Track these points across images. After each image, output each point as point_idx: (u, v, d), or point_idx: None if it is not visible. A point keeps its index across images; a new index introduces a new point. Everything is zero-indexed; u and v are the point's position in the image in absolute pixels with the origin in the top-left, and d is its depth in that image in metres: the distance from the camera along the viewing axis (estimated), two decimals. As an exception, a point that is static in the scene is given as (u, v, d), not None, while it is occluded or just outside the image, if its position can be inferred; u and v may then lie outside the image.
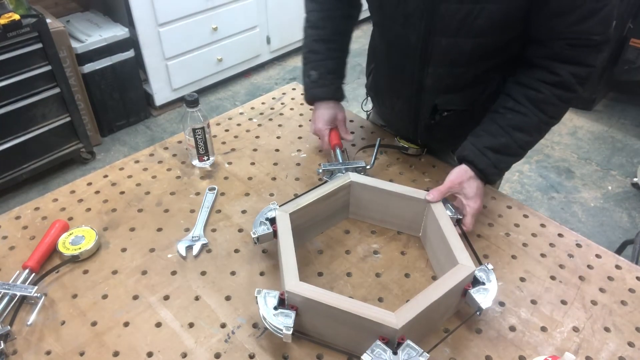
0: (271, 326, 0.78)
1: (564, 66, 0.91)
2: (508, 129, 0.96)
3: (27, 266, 0.94)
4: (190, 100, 1.12)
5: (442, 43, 0.96)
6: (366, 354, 0.73)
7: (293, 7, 3.41)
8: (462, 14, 0.89)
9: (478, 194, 0.98)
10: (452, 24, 0.92)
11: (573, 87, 0.93)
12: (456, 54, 0.97)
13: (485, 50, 0.96)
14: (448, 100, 1.08)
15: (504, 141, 0.96)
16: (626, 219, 2.40)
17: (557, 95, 0.93)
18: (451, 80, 1.03)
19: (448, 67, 1.01)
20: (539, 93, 0.94)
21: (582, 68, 0.92)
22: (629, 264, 0.98)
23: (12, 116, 2.30)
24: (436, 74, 1.02)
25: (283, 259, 0.84)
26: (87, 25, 2.71)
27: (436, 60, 1.00)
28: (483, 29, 0.90)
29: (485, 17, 0.88)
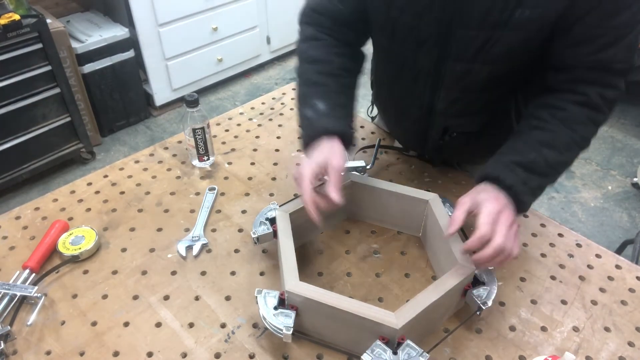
0: (271, 326, 0.78)
1: (590, 87, 0.86)
2: (535, 145, 0.85)
3: (27, 266, 0.94)
4: (190, 100, 1.12)
5: (456, 68, 0.91)
6: (366, 353, 0.73)
7: (293, 7, 3.41)
8: (479, 41, 0.85)
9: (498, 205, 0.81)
10: (468, 51, 0.87)
11: (602, 108, 0.86)
12: (470, 80, 0.92)
13: (500, 77, 0.92)
14: (459, 123, 1.04)
15: (532, 157, 0.84)
16: (626, 219, 2.40)
17: (587, 115, 0.86)
18: (463, 104, 0.99)
19: (461, 92, 0.96)
20: (566, 112, 0.86)
21: (608, 90, 0.86)
22: (629, 263, 0.98)
23: (12, 116, 2.30)
24: (448, 98, 0.98)
25: (283, 259, 0.84)
26: (87, 25, 2.71)
27: (449, 85, 0.95)
28: (499, 57, 0.86)
29: (503, 45, 0.84)
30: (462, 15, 0.84)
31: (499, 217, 0.79)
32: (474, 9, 0.82)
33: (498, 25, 0.82)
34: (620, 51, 0.82)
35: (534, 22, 0.80)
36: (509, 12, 0.79)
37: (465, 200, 0.84)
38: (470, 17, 0.83)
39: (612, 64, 0.83)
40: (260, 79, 3.49)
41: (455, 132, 1.05)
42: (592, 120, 0.87)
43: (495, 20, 0.81)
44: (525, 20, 0.80)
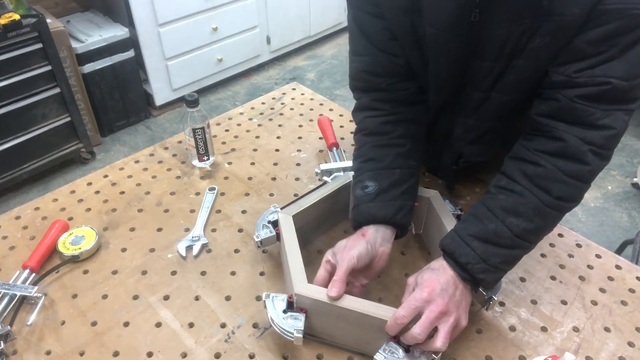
0: (281, 329, 0.78)
1: (570, 128, 0.74)
2: (499, 212, 0.77)
3: (27, 266, 0.94)
4: (190, 100, 1.12)
5: (474, 97, 0.87)
6: (379, 353, 0.74)
7: (293, 7, 3.41)
8: (496, 71, 0.81)
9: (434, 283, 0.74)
10: (485, 80, 0.83)
11: (583, 157, 0.74)
12: (486, 108, 0.88)
13: (516, 106, 0.87)
14: (473, 151, 0.98)
15: (492, 227, 0.76)
16: (626, 219, 2.40)
17: (563, 170, 0.75)
18: (480, 132, 0.94)
19: (477, 120, 0.91)
20: (537, 167, 0.76)
21: (595, 131, 0.73)
22: (629, 264, 0.98)
23: (12, 116, 2.30)
24: (466, 124, 0.93)
25: (290, 262, 0.84)
26: (87, 25, 2.71)
27: (466, 112, 0.91)
28: (512, 85, 0.82)
29: (514, 74, 0.80)
30: (478, 49, 0.81)
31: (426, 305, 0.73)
32: (491, 43, 0.79)
33: (513, 55, 0.78)
34: (618, 66, 0.71)
35: (544, 50, 0.76)
36: (524, 43, 0.76)
37: (410, 280, 0.79)
38: (487, 50, 0.80)
39: (605, 78, 0.71)
40: (260, 79, 3.49)
41: (468, 160, 1.01)
42: (571, 176, 0.75)
43: (510, 50, 0.78)
44: (536, 49, 0.76)
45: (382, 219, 0.84)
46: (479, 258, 0.75)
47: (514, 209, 0.76)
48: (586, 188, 0.78)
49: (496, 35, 0.77)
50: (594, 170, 0.76)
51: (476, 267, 0.75)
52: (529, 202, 0.76)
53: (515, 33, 0.75)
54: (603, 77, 0.72)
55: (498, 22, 0.76)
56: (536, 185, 0.76)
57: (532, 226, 0.76)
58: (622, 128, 0.75)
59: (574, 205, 0.79)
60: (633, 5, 0.68)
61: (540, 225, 0.77)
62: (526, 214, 0.76)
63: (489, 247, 0.76)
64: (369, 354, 0.78)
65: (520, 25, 0.74)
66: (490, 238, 0.76)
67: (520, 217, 0.76)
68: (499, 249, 0.76)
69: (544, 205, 0.76)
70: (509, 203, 0.77)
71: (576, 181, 0.75)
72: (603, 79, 0.72)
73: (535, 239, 0.79)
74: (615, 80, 0.71)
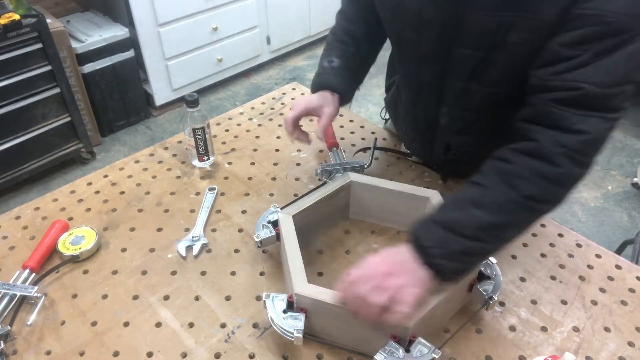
0: (281, 329, 0.78)
1: (545, 131, 0.75)
2: (465, 203, 0.77)
3: (27, 266, 0.94)
4: (190, 100, 1.12)
5: (456, 86, 0.91)
6: (379, 353, 0.74)
7: (293, 7, 3.41)
8: (475, 61, 0.85)
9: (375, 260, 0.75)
10: (465, 70, 0.87)
11: (555, 159, 0.73)
12: (468, 99, 0.92)
13: (498, 101, 0.89)
14: (461, 142, 1.03)
15: (456, 216, 0.76)
16: (626, 219, 2.40)
17: (532, 168, 0.74)
18: (465, 123, 0.98)
19: (462, 110, 0.96)
20: (507, 164, 0.76)
21: (570, 135, 0.73)
22: (629, 264, 0.98)
23: (12, 116, 2.30)
24: (450, 114, 0.98)
25: (290, 262, 0.84)
26: (87, 25, 2.71)
27: (450, 101, 0.96)
28: (493, 79, 0.86)
29: (495, 67, 0.83)
30: (460, 34, 0.84)
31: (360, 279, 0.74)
32: (470, 30, 0.82)
33: (492, 47, 0.81)
34: (597, 71, 0.71)
35: (521, 47, 0.79)
36: (502, 35, 0.79)
37: None
38: (468, 37, 0.83)
39: (579, 83, 0.72)
40: (260, 79, 3.49)
41: (458, 151, 1.04)
42: (540, 175, 0.74)
43: (489, 42, 0.81)
44: (515, 44, 0.79)
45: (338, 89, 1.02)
46: (438, 243, 0.75)
47: (479, 201, 0.76)
48: (561, 191, 0.76)
49: (476, 24, 0.80)
50: (567, 173, 0.74)
51: (434, 251, 0.74)
52: (494, 197, 0.76)
53: (493, 24, 0.78)
54: (575, 82, 0.72)
55: (478, 10, 0.79)
56: (504, 181, 0.76)
57: (495, 220, 0.75)
58: (599, 135, 0.73)
59: (549, 207, 0.78)
60: (607, 13, 0.69)
61: (504, 221, 0.76)
62: (489, 207, 0.75)
63: (449, 234, 0.75)
64: (369, 354, 0.78)
65: (498, 17, 0.77)
66: (452, 226, 0.75)
67: (484, 209, 0.75)
68: (459, 238, 0.74)
69: (509, 201, 0.75)
70: (475, 195, 0.77)
71: (546, 182, 0.74)
72: (575, 83, 0.72)
73: (500, 235, 0.77)
74: (587, 85, 0.71)
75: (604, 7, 0.69)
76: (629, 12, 0.68)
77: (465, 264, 0.77)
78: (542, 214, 0.79)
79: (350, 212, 1.06)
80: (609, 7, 0.69)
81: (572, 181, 0.76)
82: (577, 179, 0.77)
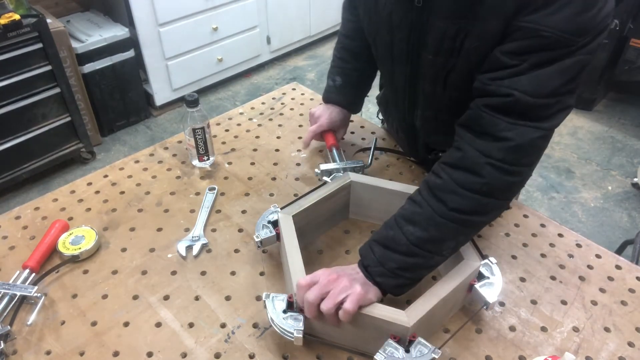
0: (281, 329, 0.78)
1: (473, 140, 0.77)
2: (399, 221, 0.80)
3: (27, 266, 0.94)
4: (190, 100, 1.12)
5: (425, 90, 0.94)
6: (379, 353, 0.74)
7: (293, 7, 3.41)
8: (437, 66, 0.87)
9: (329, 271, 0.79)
10: (431, 74, 0.89)
11: (479, 169, 0.75)
12: (437, 102, 0.95)
13: (465, 103, 0.86)
14: (440, 141, 1.06)
15: (391, 234, 0.80)
16: (626, 219, 2.40)
17: (457, 181, 0.77)
18: (438, 124, 1.01)
19: (433, 112, 0.99)
20: (437, 178, 0.80)
21: (495, 143, 0.75)
22: (629, 264, 0.98)
23: (12, 116, 2.30)
24: (424, 116, 1.01)
25: (290, 262, 0.84)
26: (87, 25, 2.71)
27: (422, 104, 0.99)
28: (456, 84, 0.87)
29: (455, 72, 0.85)
30: (425, 39, 0.85)
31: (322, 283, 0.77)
32: (430, 35, 0.84)
33: (452, 53, 0.83)
34: (525, 82, 0.73)
35: (473, 53, 0.80)
36: (460, 42, 0.80)
37: None
38: (432, 42, 0.85)
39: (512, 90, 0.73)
40: (260, 79, 3.49)
41: (439, 151, 1.07)
42: (465, 187, 0.76)
43: (448, 47, 0.82)
44: (471, 50, 0.80)
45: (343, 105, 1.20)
46: (377, 262, 0.79)
47: (411, 218, 0.80)
48: (491, 202, 0.78)
49: (436, 29, 0.82)
50: (490, 183, 0.76)
51: (374, 269, 0.79)
52: (423, 212, 0.79)
53: (451, 30, 0.80)
54: (508, 89, 0.74)
55: (439, 16, 0.81)
56: (434, 196, 0.79)
57: (427, 235, 0.78)
58: (524, 143, 0.75)
59: (483, 218, 0.80)
60: (544, 27, 0.70)
61: (435, 235, 0.78)
62: (420, 223, 0.79)
63: (387, 252, 0.79)
64: (369, 354, 0.78)
65: (456, 24, 0.79)
66: (388, 244, 0.80)
67: (415, 225, 0.79)
68: (395, 255, 0.79)
69: (438, 216, 0.78)
70: (408, 212, 0.81)
71: (471, 193, 0.76)
72: (508, 90, 0.74)
73: (434, 249, 0.79)
74: (518, 93, 0.73)
75: (543, 22, 0.70)
76: (565, 29, 0.70)
77: (405, 279, 0.80)
78: (480, 225, 0.82)
79: (350, 212, 1.06)
80: (547, 22, 0.70)
81: (502, 190, 0.78)
82: (509, 188, 0.79)
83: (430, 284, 0.82)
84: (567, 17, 0.69)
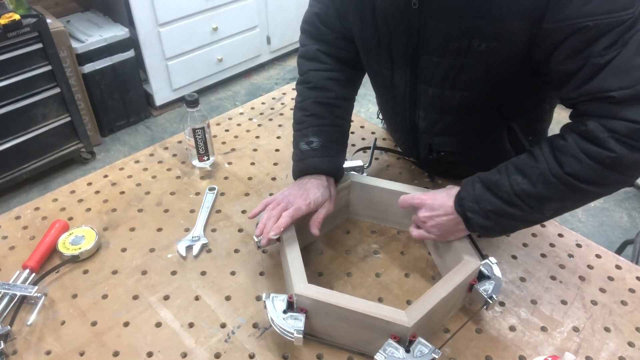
0: (281, 330, 0.78)
1: (589, 119, 0.75)
2: (509, 168, 0.81)
3: (27, 266, 0.94)
4: (190, 100, 1.12)
5: (428, 92, 0.92)
6: (379, 353, 0.74)
7: (293, 7, 3.41)
8: (444, 68, 0.85)
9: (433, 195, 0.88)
10: (435, 76, 0.88)
11: (605, 142, 0.73)
12: (443, 103, 0.92)
13: (475, 104, 0.89)
14: (443, 142, 1.03)
15: (497, 178, 0.81)
16: (626, 219, 2.40)
17: (582, 148, 0.75)
18: (444, 125, 0.98)
19: (438, 114, 0.96)
20: (562, 140, 0.78)
21: (613, 122, 0.72)
22: (629, 264, 0.98)
23: (12, 116, 2.30)
24: (428, 118, 0.98)
25: (290, 262, 0.84)
26: (87, 25, 2.71)
27: (425, 106, 0.96)
28: (467, 84, 0.86)
29: (467, 73, 0.84)
30: (423, 42, 0.84)
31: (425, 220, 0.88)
32: (433, 37, 0.82)
33: (460, 53, 0.81)
34: (611, 77, 0.71)
35: (492, 54, 0.79)
36: (467, 42, 0.79)
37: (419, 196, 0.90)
38: (432, 44, 0.83)
39: (604, 93, 0.72)
40: (260, 79, 3.49)
41: (441, 151, 1.05)
42: (589, 156, 0.74)
43: (455, 48, 0.81)
44: (483, 52, 0.79)
45: (327, 171, 0.97)
46: (474, 198, 0.82)
47: (522, 169, 0.80)
48: (612, 175, 0.75)
49: (439, 30, 0.81)
50: (620, 157, 0.73)
51: (468, 204, 0.83)
52: (538, 167, 0.78)
53: (455, 31, 0.79)
54: (601, 92, 0.72)
55: (439, 16, 0.79)
56: (553, 155, 0.78)
57: (533, 190, 0.78)
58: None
59: (598, 189, 0.77)
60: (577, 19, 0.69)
61: (542, 193, 0.78)
62: (530, 176, 0.79)
63: (486, 192, 0.81)
64: (369, 354, 0.78)
65: (459, 24, 0.77)
66: (490, 186, 0.82)
67: (525, 177, 0.79)
68: (494, 199, 0.81)
69: (551, 175, 0.77)
70: (521, 162, 0.81)
71: (594, 163, 0.74)
72: (602, 94, 0.72)
73: (537, 205, 0.79)
74: (615, 92, 0.71)
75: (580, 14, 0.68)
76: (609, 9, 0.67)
77: (496, 224, 0.82)
78: (595, 195, 0.78)
79: (350, 212, 1.06)
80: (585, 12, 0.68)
81: (626, 165, 0.74)
82: (633, 164, 0.74)
83: (430, 284, 0.82)
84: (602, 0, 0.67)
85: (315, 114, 0.99)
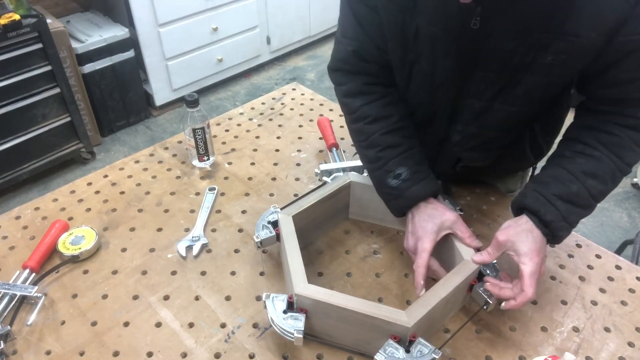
0: (281, 330, 0.78)
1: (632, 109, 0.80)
2: (580, 175, 0.81)
3: (27, 266, 0.94)
4: (190, 100, 1.12)
5: (474, 106, 0.88)
6: (379, 353, 0.74)
7: (293, 7, 3.41)
8: (500, 83, 0.83)
9: (535, 250, 0.79)
10: (487, 92, 0.85)
11: None
12: (489, 118, 0.89)
13: (521, 118, 0.89)
14: (473, 157, 0.99)
15: (575, 189, 0.81)
16: (626, 219, 2.40)
17: (634, 140, 0.81)
18: (481, 140, 0.94)
19: (478, 128, 0.92)
20: (613, 136, 0.81)
21: None
22: (629, 264, 0.98)
23: (12, 116, 2.30)
24: (466, 132, 0.93)
25: (289, 262, 0.84)
26: (87, 25, 2.71)
27: (466, 120, 0.91)
28: (518, 98, 0.84)
29: (521, 87, 0.82)
30: (481, 59, 0.81)
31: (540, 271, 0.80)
32: (492, 55, 0.79)
33: (521, 68, 0.79)
34: None
35: (556, 67, 0.77)
36: (532, 57, 0.77)
37: (502, 239, 0.82)
38: (491, 62, 0.80)
39: None
40: (260, 79, 3.49)
41: (467, 164, 1.01)
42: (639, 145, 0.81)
43: (517, 63, 0.78)
44: (547, 65, 0.77)
45: (429, 194, 0.91)
46: (562, 217, 0.81)
47: (594, 173, 0.81)
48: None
49: (501, 48, 0.78)
50: None
51: (558, 224, 0.81)
52: (606, 167, 0.81)
53: (522, 47, 0.76)
54: None
55: (503, 35, 0.76)
56: (612, 151, 0.81)
57: (605, 189, 0.82)
58: None
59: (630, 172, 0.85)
60: None
61: (611, 188, 0.83)
62: (603, 177, 0.82)
63: (570, 206, 0.81)
64: (369, 354, 0.78)
65: (528, 40, 0.75)
66: (572, 198, 0.81)
67: (598, 179, 0.81)
68: (577, 209, 0.82)
69: (618, 170, 0.82)
70: (589, 167, 0.82)
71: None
72: None
73: (602, 199, 0.84)
74: None
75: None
76: None
77: (574, 226, 0.84)
78: None
79: (350, 212, 1.06)
80: None
81: None
82: None
83: (430, 284, 0.82)
84: None
85: (389, 146, 0.93)
